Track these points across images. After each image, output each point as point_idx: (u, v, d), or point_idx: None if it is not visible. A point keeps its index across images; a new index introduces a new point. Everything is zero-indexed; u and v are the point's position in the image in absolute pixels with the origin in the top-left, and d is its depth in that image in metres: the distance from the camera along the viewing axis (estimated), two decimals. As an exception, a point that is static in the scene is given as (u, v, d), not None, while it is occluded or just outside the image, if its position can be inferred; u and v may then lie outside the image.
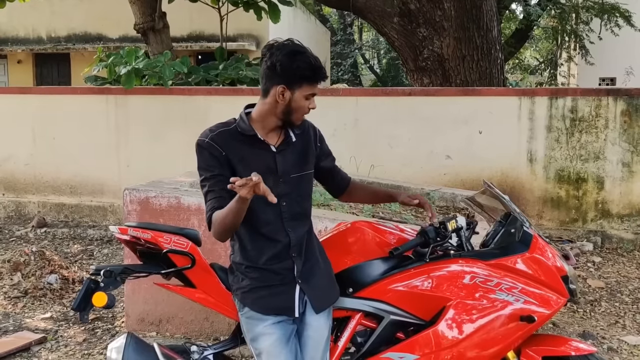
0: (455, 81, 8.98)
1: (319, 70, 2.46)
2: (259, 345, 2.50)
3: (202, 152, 2.49)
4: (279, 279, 2.52)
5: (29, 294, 5.31)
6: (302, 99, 2.47)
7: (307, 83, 2.45)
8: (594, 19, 15.59)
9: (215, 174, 2.45)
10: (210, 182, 2.46)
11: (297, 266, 2.54)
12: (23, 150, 8.68)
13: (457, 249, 2.74)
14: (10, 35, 16.73)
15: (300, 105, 2.47)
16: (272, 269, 2.52)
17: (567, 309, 5.13)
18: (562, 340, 2.81)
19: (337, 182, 2.87)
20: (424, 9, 8.83)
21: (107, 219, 8.35)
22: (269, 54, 2.46)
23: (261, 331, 2.49)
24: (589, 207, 7.35)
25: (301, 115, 2.51)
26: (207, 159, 2.47)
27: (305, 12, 19.85)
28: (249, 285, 2.52)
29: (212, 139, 2.48)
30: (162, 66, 8.19)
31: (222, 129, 2.53)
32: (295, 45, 2.47)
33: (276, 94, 2.45)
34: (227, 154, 2.46)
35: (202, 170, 2.49)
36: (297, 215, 2.57)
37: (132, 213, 4.26)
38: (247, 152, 2.49)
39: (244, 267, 2.54)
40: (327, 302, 2.61)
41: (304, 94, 2.46)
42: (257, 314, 2.50)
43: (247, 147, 2.50)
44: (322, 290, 2.60)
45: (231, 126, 2.54)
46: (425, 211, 2.79)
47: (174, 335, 4.36)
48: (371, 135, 7.68)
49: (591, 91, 7.48)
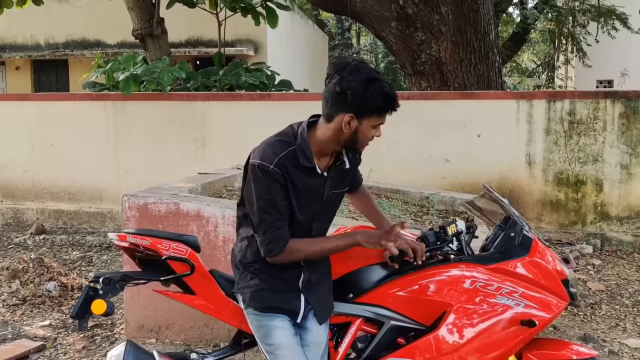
0: (453, 85, 8.99)
1: (393, 100, 2.35)
2: (273, 340, 2.48)
3: (267, 178, 2.35)
4: (285, 286, 2.53)
5: (28, 302, 5.29)
6: (369, 129, 2.38)
7: (377, 113, 2.36)
8: (590, 21, 15.60)
9: (280, 199, 2.38)
10: (275, 209, 2.37)
11: (305, 276, 2.54)
12: (21, 156, 8.67)
13: (457, 253, 2.73)
14: (8, 41, 16.73)
15: (367, 134, 2.39)
16: (280, 275, 2.52)
17: (568, 313, 5.12)
18: (563, 344, 2.80)
19: (352, 183, 2.79)
20: (422, 13, 8.84)
21: (106, 225, 8.33)
22: (340, 78, 2.31)
23: (274, 325, 2.49)
24: (588, 210, 7.35)
25: (365, 144, 2.44)
26: (271, 185, 2.35)
27: (303, 16, 19.87)
28: (258, 286, 2.52)
29: (277, 165, 2.35)
30: (161, 72, 8.18)
31: (284, 154, 2.37)
32: (369, 70, 2.34)
33: (343, 123, 2.33)
34: (287, 181, 2.38)
35: (265, 195, 2.36)
36: (323, 231, 2.60)
37: (131, 219, 4.25)
38: (303, 179, 2.42)
39: (253, 268, 2.53)
40: (328, 313, 2.63)
41: (372, 124, 2.37)
42: (264, 313, 2.51)
43: (304, 176, 2.42)
44: (325, 302, 2.62)
45: (290, 148, 2.39)
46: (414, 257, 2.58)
47: (174, 342, 4.35)
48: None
49: (589, 94, 7.50)
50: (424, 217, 5.08)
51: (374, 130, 2.40)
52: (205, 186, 4.98)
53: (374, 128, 2.39)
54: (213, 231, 4.12)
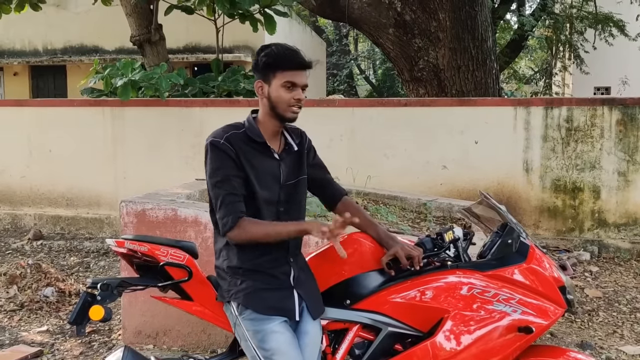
0: (451, 91, 9.02)
1: (283, 55, 2.45)
2: (270, 345, 2.45)
3: (218, 152, 2.45)
4: (278, 283, 2.54)
5: (25, 307, 5.29)
6: (279, 89, 2.46)
7: (279, 71, 2.45)
8: (588, 29, 15.67)
9: (234, 175, 2.44)
10: (228, 183, 2.44)
11: (294, 272, 2.56)
12: (19, 162, 8.67)
13: (454, 259, 2.73)
14: (6, 47, 16.74)
15: (279, 95, 2.46)
16: (272, 273, 2.53)
17: (565, 319, 5.12)
18: (560, 350, 2.80)
19: (329, 193, 2.83)
20: (419, 20, 8.88)
21: (104, 231, 8.33)
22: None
23: (271, 329, 2.46)
24: (586, 217, 7.36)
25: (285, 107, 2.48)
26: (223, 159, 2.45)
27: (301, 23, 19.92)
28: (251, 287, 2.50)
29: (227, 139, 2.46)
30: (159, 78, 8.19)
31: (233, 131, 2.51)
32: (270, 43, 2.52)
33: (257, 92, 2.52)
34: (240, 157, 2.46)
35: (218, 170, 2.45)
36: (295, 221, 2.59)
37: (128, 225, 4.25)
38: (256, 158, 2.50)
39: (243, 270, 2.52)
40: (320, 310, 2.63)
41: (279, 83, 2.45)
42: (261, 315, 2.48)
43: (257, 153, 2.51)
44: (316, 298, 2.63)
45: (241, 130, 2.53)
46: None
47: (171, 348, 4.34)
48: (367, 145, 7.69)
49: (586, 101, 7.52)
50: (421, 223, 5.09)
51: (285, 91, 2.46)
52: (203, 192, 4.99)
53: (284, 88, 2.46)
54: (210, 237, 4.12)
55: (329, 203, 2.87)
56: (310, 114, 8.37)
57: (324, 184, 2.81)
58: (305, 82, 2.50)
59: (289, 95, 2.46)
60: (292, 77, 2.46)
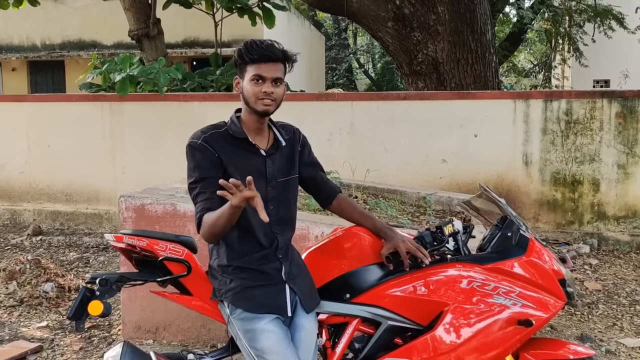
0: (450, 85, 9.00)
1: (251, 49, 2.45)
2: (260, 345, 2.43)
3: (194, 153, 2.47)
4: (268, 279, 2.52)
5: (25, 303, 5.29)
6: (249, 83, 2.46)
7: (249, 65, 2.46)
8: (587, 21, 15.64)
9: (207, 177, 2.43)
10: (201, 184, 2.44)
11: (285, 267, 2.55)
12: (18, 158, 8.66)
13: (454, 253, 2.73)
14: (4, 42, 16.72)
15: (249, 89, 2.47)
16: (261, 269, 2.52)
17: (565, 312, 5.13)
18: (560, 343, 2.80)
19: (323, 192, 2.81)
20: (418, 13, 8.85)
21: (103, 227, 8.33)
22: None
23: (261, 328, 2.45)
24: (585, 210, 7.36)
25: (256, 100, 2.47)
26: (199, 160, 2.45)
27: (299, 17, 19.87)
28: (240, 286, 2.49)
29: (205, 140, 2.47)
30: (157, 73, 8.18)
31: (214, 131, 2.52)
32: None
33: (235, 88, 2.56)
34: (220, 156, 2.46)
35: (193, 172, 2.46)
36: (284, 219, 2.59)
37: (127, 220, 4.24)
38: (238, 155, 2.50)
39: (232, 268, 2.52)
40: (314, 304, 2.62)
41: (249, 77, 2.46)
42: (252, 314, 2.47)
43: (239, 151, 2.51)
44: (309, 291, 2.61)
45: (222, 129, 2.54)
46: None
47: (171, 342, 4.34)
48: (367, 139, 7.68)
49: (586, 93, 7.51)
50: (421, 217, 5.08)
51: (254, 84, 2.46)
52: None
53: (253, 81, 2.46)
54: (210, 232, 4.11)
55: (324, 202, 2.86)
56: (309, 108, 8.40)
57: (319, 182, 2.80)
58: (275, 75, 2.47)
59: (258, 89, 2.45)
60: (260, 70, 2.45)
